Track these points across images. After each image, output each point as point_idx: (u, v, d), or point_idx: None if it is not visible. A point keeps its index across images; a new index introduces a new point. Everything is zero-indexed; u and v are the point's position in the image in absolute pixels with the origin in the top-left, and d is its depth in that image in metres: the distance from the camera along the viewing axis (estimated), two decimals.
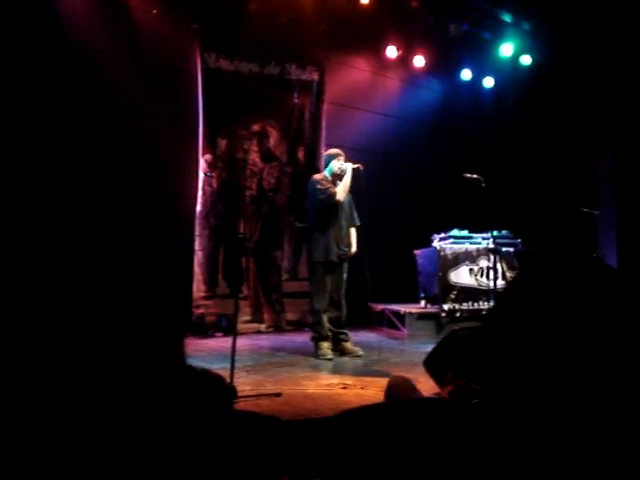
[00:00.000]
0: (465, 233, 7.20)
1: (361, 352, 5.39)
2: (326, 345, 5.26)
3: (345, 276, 5.41)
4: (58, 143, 5.73)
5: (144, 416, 1.09)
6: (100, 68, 6.06)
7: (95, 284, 1.09)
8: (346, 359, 5.24)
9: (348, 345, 5.41)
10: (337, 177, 5.36)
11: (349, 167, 5.33)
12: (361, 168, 5.33)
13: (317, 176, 5.45)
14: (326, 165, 5.47)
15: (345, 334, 5.42)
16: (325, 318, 5.28)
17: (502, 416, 0.95)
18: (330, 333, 5.31)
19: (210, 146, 6.92)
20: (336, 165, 5.36)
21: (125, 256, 5.59)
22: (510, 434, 0.92)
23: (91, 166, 5.91)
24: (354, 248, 5.48)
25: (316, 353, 5.26)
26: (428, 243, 7.33)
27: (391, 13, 7.63)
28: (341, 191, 5.26)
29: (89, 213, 5.79)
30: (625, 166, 7.97)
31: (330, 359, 5.16)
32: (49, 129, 5.69)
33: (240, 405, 3.39)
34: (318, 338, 5.26)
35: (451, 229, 7.18)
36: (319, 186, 5.28)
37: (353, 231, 5.55)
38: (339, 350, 5.35)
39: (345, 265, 5.42)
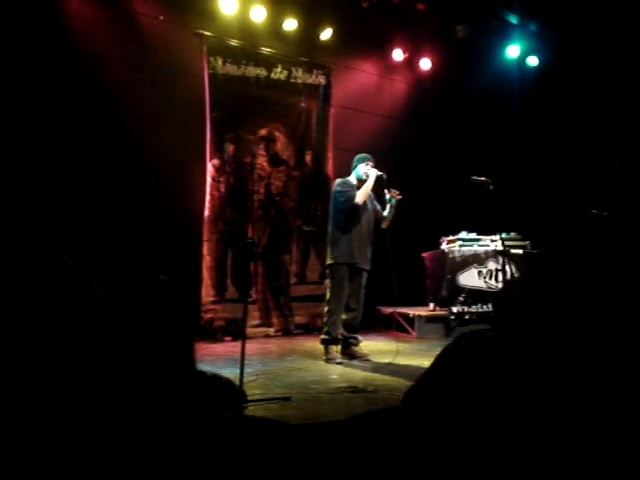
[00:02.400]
0: (473, 235, 7.18)
1: (370, 355, 5.38)
2: (335, 348, 5.27)
3: (364, 281, 5.42)
4: (66, 149, 5.77)
5: (154, 420, 1.09)
6: (107, 74, 6.09)
7: (101, 288, 1.10)
8: (355, 362, 5.23)
9: (357, 349, 5.40)
10: (362, 182, 5.37)
11: (373, 173, 5.33)
12: (384, 177, 5.35)
13: (340, 179, 5.51)
14: (354, 168, 5.49)
15: (355, 338, 5.41)
16: (340, 320, 5.27)
17: (516, 417, 0.94)
18: (341, 336, 5.31)
19: (218, 151, 6.92)
20: (363, 169, 5.38)
21: (132, 261, 5.61)
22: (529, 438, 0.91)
23: (98, 171, 5.95)
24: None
25: (325, 357, 5.25)
26: (436, 246, 7.31)
27: (397, 16, 7.63)
28: (360, 195, 5.26)
29: (96, 218, 5.82)
30: (635, 167, 7.92)
31: (339, 363, 5.16)
32: (57, 135, 5.73)
33: (250, 409, 3.39)
34: (328, 340, 5.25)
35: (459, 231, 7.17)
36: (340, 189, 5.33)
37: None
38: (348, 354, 5.35)
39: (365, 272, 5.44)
